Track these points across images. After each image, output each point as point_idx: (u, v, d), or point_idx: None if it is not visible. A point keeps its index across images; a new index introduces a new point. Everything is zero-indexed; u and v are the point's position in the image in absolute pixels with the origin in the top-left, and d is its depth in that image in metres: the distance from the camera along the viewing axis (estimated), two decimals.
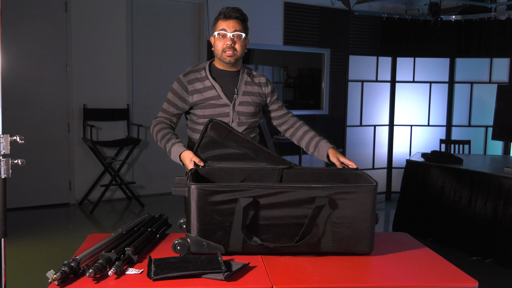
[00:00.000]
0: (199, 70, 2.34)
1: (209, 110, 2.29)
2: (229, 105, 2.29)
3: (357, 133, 6.76)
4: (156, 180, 6.07)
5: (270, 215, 1.74)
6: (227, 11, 2.25)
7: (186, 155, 2.10)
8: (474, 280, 1.62)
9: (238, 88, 2.33)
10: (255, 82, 2.40)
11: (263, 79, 2.44)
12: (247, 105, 2.34)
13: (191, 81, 2.31)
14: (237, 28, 2.24)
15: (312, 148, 2.35)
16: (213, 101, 2.29)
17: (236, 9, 2.27)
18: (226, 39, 2.24)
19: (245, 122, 2.34)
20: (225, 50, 2.25)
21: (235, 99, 2.31)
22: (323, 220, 1.74)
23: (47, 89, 5.35)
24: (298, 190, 1.73)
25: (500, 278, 3.70)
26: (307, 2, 6.74)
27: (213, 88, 2.29)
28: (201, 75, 2.32)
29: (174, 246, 1.72)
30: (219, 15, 2.28)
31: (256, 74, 2.43)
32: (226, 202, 1.71)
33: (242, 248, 1.74)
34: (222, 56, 2.27)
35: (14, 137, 1.53)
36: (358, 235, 1.77)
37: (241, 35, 2.25)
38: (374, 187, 1.78)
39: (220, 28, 2.24)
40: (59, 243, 4.24)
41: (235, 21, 2.25)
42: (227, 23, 2.24)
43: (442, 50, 6.86)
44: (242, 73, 2.37)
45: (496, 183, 3.95)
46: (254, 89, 2.38)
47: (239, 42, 2.26)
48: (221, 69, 2.34)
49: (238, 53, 2.27)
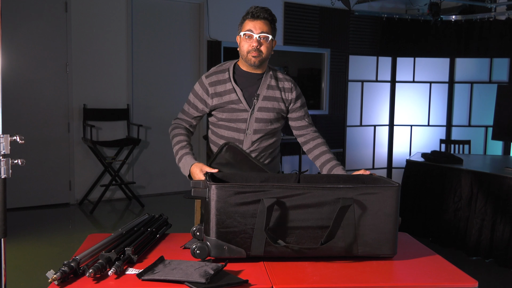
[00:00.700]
0: (222, 71, 2.27)
1: (227, 114, 2.23)
2: (248, 111, 2.22)
3: (357, 133, 6.76)
4: (156, 180, 6.07)
5: (293, 217, 1.68)
6: (255, 10, 2.17)
7: (197, 166, 2.07)
8: (474, 280, 1.62)
9: (259, 92, 2.25)
10: (278, 87, 2.29)
11: (288, 84, 2.32)
12: (266, 111, 2.24)
13: (212, 83, 2.25)
14: (264, 30, 2.16)
15: (326, 172, 2.25)
16: (232, 105, 2.22)
17: (264, 9, 2.18)
18: (252, 40, 2.16)
19: (263, 129, 2.25)
20: (250, 51, 2.17)
21: (254, 104, 2.23)
22: (348, 222, 1.70)
23: (47, 89, 5.35)
24: (322, 190, 1.68)
25: (500, 278, 3.70)
26: (307, 2, 6.74)
27: (233, 92, 2.22)
28: (224, 77, 2.25)
29: (193, 251, 1.65)
30: (247, 14, 2.19)
31: (282, 78, 2.32)
32: (249, 203, 1.64)
33: (264, 252, 1.68)
34: (247, 57, 2.19)
35: (14, 137, 1.53)
36: (382, 238, 1.73)
37: (268, 36, 2.17)
38: (398, 187, 1.73)
39: (247, 28, 2.16)
40: (59, 243, 4.24)
41: (263, 22, 2.16)
42: (254, 24, 2.16)
43: (442, 50, 6.86)
44: (266, 76, 2.28)
45: (496, 183, 3.95)
46: (276, 94, 2.27)
47: (265, 43, 2.17)
48: (245, 71, 2.26)
49: (263, 54, 2.18)
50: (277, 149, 2.42)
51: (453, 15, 6.74)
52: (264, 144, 2.30)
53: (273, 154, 2.38)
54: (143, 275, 1.52)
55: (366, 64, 6.70)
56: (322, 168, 2.27)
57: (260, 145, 2.28)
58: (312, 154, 2.33)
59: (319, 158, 2.29)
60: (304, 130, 2.37)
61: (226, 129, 2.26)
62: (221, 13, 6.19)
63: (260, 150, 2.29)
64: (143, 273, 1.53)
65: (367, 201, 1.71)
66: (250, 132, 2.24)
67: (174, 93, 6.07)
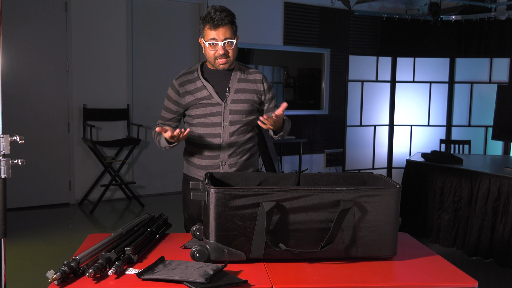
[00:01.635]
0: (191, 72, 2.32)
1: (201, 109, 2.26)
2: (221, 104, 2.25)
3: (357, 133, 6.76)
4: (156, 180, 6.06)
5: (293, 219, 1.68)
6: (215, 18, 2.12)
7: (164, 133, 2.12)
8: (474, 280, 1.62)
9: (230, 86, 2.28)
10: (249, 79, 2.33)
11: (259, 75, 2.36)
12: (240, 103, 2.28)
13: (182, 84, 2.29)
14: (227, 35, 2.16)
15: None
16: (205, 101, 2.25)
17: (224, 13, 2.14)
18: (218, 48, 2.17)
19: (238, 121, 2.28)
20: (217, 57, 2.20)
21: (226, 97, 2.27)
22: (348, 224, 1.70)
23: (47, 89, 5.35)
24: (322, 193, 1.68)
25: (500, 278, 3.70)
26: (307, 2, 6.74)
27: (204, 88, 2.26)
28: (193, 76, 2.29)
29: (192, 254, 1.65)
30: (207, 21, 2.15)
31: (252, 71, 2.36)
32: (248, 207, 1.64)
33: (264, 255, 1.68)
34: (215, 64, 2.23)
35: (14, 137, 1.53)
36: (383, 239, 1.73)
37: (232, 41, 2.18)
38: (398, 189, 1.73)
39: (210, 37, 2.16)
40: (59, 243, 4.24)
41: (225, 28, 2.15)
42: (217, 32, 2.15)
43: (442, 50, 6.86)
44: (236, 70, 2.32)
45: (496, 183, 3.95)
46: (248, 86, 2.31)
47: (230, 48, 2.19)
48: (213, 70, 2.30)
49: (231, 58, 2.22)
50: (255, 146, 2.45)
51: (453, 15, 6.74)
52: (242, 137, 2.32)
53: (252, 150, 2.40)
54: (143, 274, 1.52)
55: (366, 64, 6.69)
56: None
57: (238, 138, 2.30)
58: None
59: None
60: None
61: (201, 126, 2.28)
62: None
63: (239, 144, 2.31)
64: (143, 272, 1.53)
65: (367, 203, 1.71)
66: (227, 123, 2.26)
67: None
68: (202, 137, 2.29)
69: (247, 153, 2.37)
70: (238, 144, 2.31)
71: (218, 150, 2.29)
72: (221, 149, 2.29)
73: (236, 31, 2.22)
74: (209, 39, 2.17)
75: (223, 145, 2.28)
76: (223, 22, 2.14)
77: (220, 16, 2.13)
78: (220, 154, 2.30)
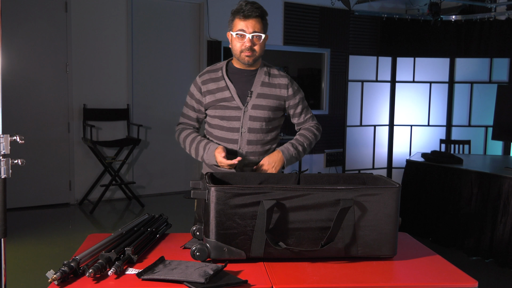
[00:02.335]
0: (215, 70, 2.24)
1: (220, 111, 2.19)
2: (241, 109, 2.18)
3: (357, 133, 6.76)
4: (156, 180, 6.06)
5: (293, 218, 1.68)
6: (246, 9, 2.09)
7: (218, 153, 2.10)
8: (474, 280, 1.62)
9: (253, 89, 2.20)
10: (273, 83, 2.24)
11: (284, 80, 2.26)
12: (260, 109, 2.19)
13: (205, 82, 2.23)
14: (256, 29, 2.11)
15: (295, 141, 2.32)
16: (225, 103, 2.18)
17: (255, 6, 2.11)
18: (245, 41, 2.12)
19: (258, 128, 2.20)
20: (244, 50, 2.13)
21: (247, 101, 2.19)
22: (348, 223, 1.70)
23: (47, 89, 5.35)
24: (322, 192, 1.68)
25: (500, 278, 3.70)
26: (307, 2, 6.74)
27: (227, 89, 2.19)
28: (217, 75, 2.22)
29: (192, 253, 1.65)
30: (237, 12, 2.12)
31: (278, 74, 2.27)
32: (248, 205, 1.64)
33: (264, 254, 1.68)
34: (241, 56, 2.16)
35: (14, 137, 1.53)
36: (382, 239, 1.73)
37: (261, 36, 2.12)
38: (398, 188, 1.74)
39: (238, 28, 2.11)
40: (59, 243, 4.24)
41: (255, 20, 2.10)
42: (246, 23, 2.10)
43: (442, 50, 6.86)
44: (260, 72, 2.23)
45: (496, 183, 3.95)
46: (271, 91, 2.22)
47: (258, 42, 2.13)
48: (238, 68, 2.23)
49: (257, 53, 2.16)
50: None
51: (453, 15, 6.74)
52: (260, 148, 2.24)
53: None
54: (143, 274, 1.52)
55: (366, 64, 6.69)
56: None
57: (257, 145, 2.22)
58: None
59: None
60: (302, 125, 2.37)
61: (219, 129, 2.23)
62: (221, 13, 6.18)
63: (257, 153, 2.23)
64: (143, 272, 1.53)
65: (367, 203, 1.71)
66: (245, 130, 2.20)
67: (174, 93, 6.07)
68: (220, 140, 2.23)
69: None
70: (256, 154, 2.23)
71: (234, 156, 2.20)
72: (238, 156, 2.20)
73: (266, 28, 2.16)
74: (237, 30, 2.12)
75: (240, 152, 2.21)
76: (253, 14, 2.10)
77: (251, 7, 2.10)
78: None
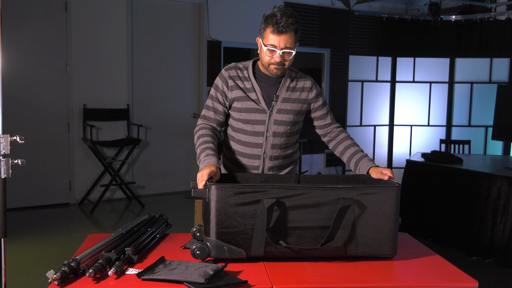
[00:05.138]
0: (242, 69, 2.18)
1: (245, 114, 2.14)
2: (266, 112, 2.13)
3: (357, 133, 6.76)
4: (156, 180, 6.06)
5: (293, 217, 1.68)
6: (281, 23, 1.97)
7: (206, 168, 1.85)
8: (474, 280, 1.62)
9: (279, 94, 2.15)
10: (298, 87, 2.19)
11: (308, 82, 2.22)
12: (285, 113, 2.15)
13: (232, 77, 2.15)
14: (288, 44, 2.00)
15: (353, 166, 2.16)
16: (251, 104, 2.13)
17: (290, 21, 1.97)
18: (275, 55, 2.04)
19: (283, 132, 2.16)
20: (273, 63, 2.07)
21: (273, 106, 2.14)
22: (348, 222, 1.70)
23: (47, 89, 5.35)
24: (322, 190, 1.68)
25: (500, 278, 3.70)
26: (307, 2, 6.74)
27: (253, 91, 2.14)
28: (245, 74, 2.16)
29: (193, 251, 1.65)
30: (271, 23, 1.99)
31: (302, 77, 2.23)
32: (249, 204, 1.64)
33: (264, 253, 1.68)
34: (269, 68, 2.09)
35: (14, 137, 1.53)
36: (382, 238, 1.73)
37: (292, 52, 2.04)
38: (398, 187, 1.74)
39: (270, 42, 2.01)
40: (59, 243, 4.24)
41: (288, 35, 1.99)
42: (279, 39, 2.00)
43: (442, 50, 6.86)
44: (286, 77, 2.18)
45: (496, 183, 3.95)
46: (296, 95, 2.18)
47: (288, 58, 2.06)
48: (265, 74, 2.16)
49: (286, 67, 2.10)
50: (297, 154, 2.34)
51: (453, 15, 6.74)
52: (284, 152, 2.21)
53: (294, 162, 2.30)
54: (143, 274, 1.53)
55: (366, 64, 6.70)
56: (349, 162, 2.19)
57: (280, 149, 2.19)
58: (337, 151, 2.26)
59: (344, 154, 2.22)
60: (328, 128, 2.30)
61: (243, 133, 2.18)
62: (221, 13, 6.19)
63: (281, 157, 2.21)
64: (143, 272, 1.54)
65: (367, 201, 1.71)
66: (270, 134, 2.16)
67: (174, 93, 6.07)
68: (243, 145, 2.19)
69: (289, 166, 2.27)
70: (280, 158, 2.21)
71: (258, 160, 2.17)
72: (262, 160, 2.18)
73: (298, 39, 2.07)
74: (269, 44, 2.03)
75: (264, 157, 2.18)
76: (288, 30, 1.99)
77: (286, 22, 1.98)
78: (260, 165, 2.19)
